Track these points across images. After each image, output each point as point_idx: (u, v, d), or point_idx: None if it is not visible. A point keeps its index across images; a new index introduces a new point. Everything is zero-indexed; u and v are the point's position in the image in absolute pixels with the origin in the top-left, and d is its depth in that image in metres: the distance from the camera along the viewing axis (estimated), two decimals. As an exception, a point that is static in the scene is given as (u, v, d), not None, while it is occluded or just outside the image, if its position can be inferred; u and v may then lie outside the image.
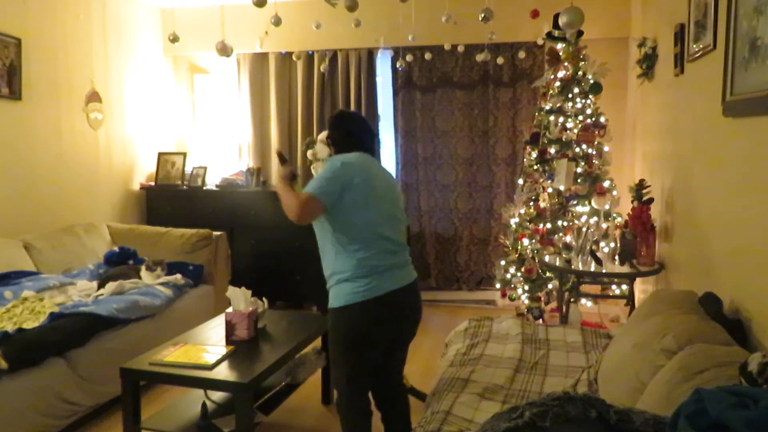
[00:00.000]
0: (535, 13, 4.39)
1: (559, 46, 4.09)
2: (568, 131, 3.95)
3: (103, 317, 3.11)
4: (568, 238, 3.64)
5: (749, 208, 2.03)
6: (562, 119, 3.97)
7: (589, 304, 3.99)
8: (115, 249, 4.14)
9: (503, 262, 4.32)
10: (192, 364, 2.51)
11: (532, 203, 4.15)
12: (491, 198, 5.22)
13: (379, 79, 5.27)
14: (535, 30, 4.66)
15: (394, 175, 5.04)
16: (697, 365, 1.56)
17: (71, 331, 2.93)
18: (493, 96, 5.10)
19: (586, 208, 3.82)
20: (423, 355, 3.87)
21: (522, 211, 4.21)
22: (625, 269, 3.33)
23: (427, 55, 4.89)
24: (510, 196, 4.94)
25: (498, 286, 4.40)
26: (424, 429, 2.00)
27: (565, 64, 4.03)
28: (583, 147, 3.88)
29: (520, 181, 4.37)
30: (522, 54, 4.84)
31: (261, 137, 5.47)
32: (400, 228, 2.39)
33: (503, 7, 4.28)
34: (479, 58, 4.52)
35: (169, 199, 5.20)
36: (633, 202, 3.45)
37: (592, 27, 4.15)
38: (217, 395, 2.85)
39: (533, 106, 4.89)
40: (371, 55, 5.16)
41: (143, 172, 5.32)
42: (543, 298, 4.11)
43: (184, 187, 5.24)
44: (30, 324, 2.94)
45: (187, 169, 5.32)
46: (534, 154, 4.14)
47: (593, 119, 3.91)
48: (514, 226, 4.28)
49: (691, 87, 2.84)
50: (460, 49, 4.70)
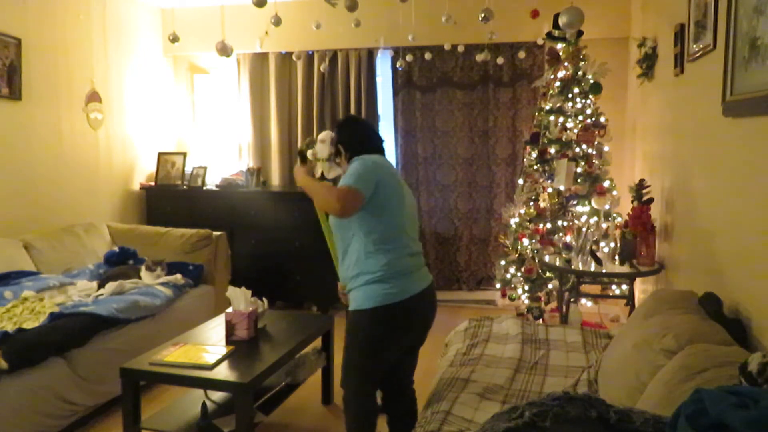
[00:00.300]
0: (535, 13, 4.39)
1: (559, 46, 4.09)
2: (568, 131, 3.95)
3: (103, 317, 3.11)
4: (568, 238, 3.64)
5: (749, 208, 2.02)
6: (562, 119, 3.97)
7: (589, 304, 3.99)
8: (115, 249, 4.14)
9: (503, 262, 4.32)
10: (192, 364, 2.52)
11: (532, 203, 4.15)
12: (491, 198, 5.21)
13: (379, 79, 5.26)
14: (535, 30, 4.66)
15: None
16: (697, 365, 1.56)
17: (71, 331, 2.93)
18: (493, 96, 5.10)
19: (586, 208, 3.82)
20: (423, 355, 3.81)
21: (522, 211, 4.21)
22: (625, 269, 3.33)
23: (427, 55, 4.89)
24: (510, 196, 4.94)
25: (498, 286, 4.40)
26: (424, 429, 2.00)
27: (565, 64, 4.03)
28: (583, 147, 3.88)
29: (520, 181, 4.37)
30: (522, 54, 4.84)
31: (261, 137, 5.47)
32: (417, 229, 2.41)
33: (503, 7, 4.28)
34: (479, 58, 4.52)
35: (169, 199, 5.20)
36: (633, 202, 3.45)
37: (592, 27, 4.15)
38: (217, 395, 2.85)
39: (533, 106, 4.88)
40: (371, 55, 5.16)
41: (143, 172, 5.32)
42: (543, 298, 4.11)
43: (184, 187, 5.24)
44: (30, 324, 2.94)
45: (187, 169, 5.31)
46: (534, 154, 4.14)
47: (593, 119, 3.91)
48: (514, 226, 4.28)
49: (691, 87, 2.83)
50: (460, 49, 4.71)
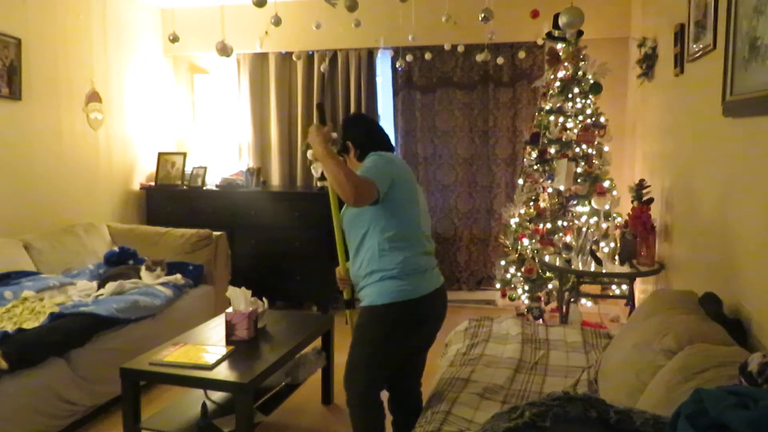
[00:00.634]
0: (535, 13, 4.39)
1: (559, 46, 4.09)
2: (568, 131, 3.95)
3: (103, 317, 3.11)
4: (568, 238, 3.64)
5: (749, 207, 2.02)
6: (562, 119, 3.97)
7: (589, 304, 3.98)
8: (115, 249, 4.14)
9: (503, 262, 4.32)
10: (192, 364, 2.52)
11: (532, 203, 4.14)
12: (491, 198, 5.21)
13: (379, 79, 5.26)
14: (535, 30, 4.66)
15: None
16: (697, 365, 1.56)
17: (71, 331, 2.93)
18: (493, 96, 5.09)
19: (586, 208, 3.82)
20: (423, 355, 3.85)
21: (522, 211, 4.21)
22: (625, 269, 3.33)
23: (427, 55, 4.89)
24: (510, 196, 4.94)
25: (498, 286, 4.40)
26: (424, 429, 2.00)
27: (565, 64, 4.03)
28: (583, 147, 3.88)
29: (520, 181, 4.37)
30: (522, 54, 4.84)
31: (261, 137, 5.47)
32: (430, 227, 2.39)
33: (503, 7, 4.28)
34: (479, 58, 4.52)
35: (169, 199, 5.20)
36: (633, 202, 3.45)
37: (592, 27, 4.15)
38: (217, 395, 2.85)
39: (533, 106, 4.88)
40: (371, 55, 5.16)
41: (143, 172, 5.32)
42: (543, 298, 4.11)
43: (184, 187, 5.24)
44: (30, 324, 2.94)
45: (187, 169, 5.31)
46: (534, 154, 4.14)
47: (593, 119, 3.91)
48: (514, 226, 4.28)
49: (691, 87, 2.83)
50: (460, 49, 4.70)
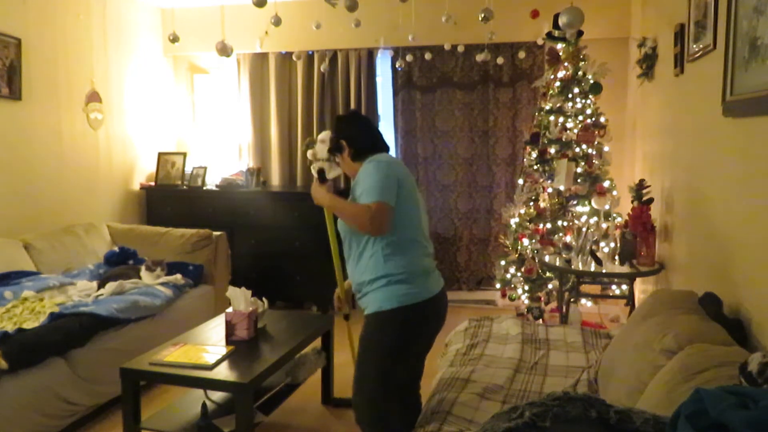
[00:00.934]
0: (535, 13, 4.39)
1: (559, 46, 4.09)
2: (568, 131, 3.95)
3: (103, 317, 3.11)
4: (568, 238, 3.64)
5: (749, 207, 2.02)
6: (562, 119, 3.97)
7: (589, 304, 3.98)
8: (115, 249, 4.14)
9: (503, 262, 4.32)
10: (192, 364, 2.51)
11: (532, 203, 4.14)
12: (491, 198, 5.21)
13: (379, 79, 5.26)
14: (535, 30, 4.66)
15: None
16: (697, 365, 1.56)
17: (71, 331, 2.93)
18: (493, 96, 5.09)
19: (586, 208, 3.82)
20: (423, 355, 3.85)
21: (522, 211, 4.21)
22: (625, 269, 3.33)
23: (427, 55, 4.89)
24: (510, 196, 4.93)
25: (498, 286, 4.40)
26: (424, 429, 2.00)
27: (565, 64, 4.03)
28: (583, 147, 3.88)
29: (520, 181, 4.37)
30: (522, 54, 4.84)
31: (261, 137, 5.47)
32: (428, 228, 2.37)
33: (503, 7, 4.28)
34: (479, 58, 4.52)
35: (169, 199, 5.20)
36: (633, 202, 3.45)
37: (592, 27, 4.15)
38: (217, 395, 2.85)
39: (533, 106, 4.88)
40: (371, 55, 5.16)
41: (143, 172, 5.32)
42: (543, 298, 4.11)
43: (184, 187, 5.24)
44: (30, 324, 2.94)
45: (187, 169, 5.31)
46: (534, 154, 4.14)
47: (593, 119, 3.91)
48: (514, 226, 4.27)
49: (691, 87, 2.83)
50: (460, 49, 4.70)
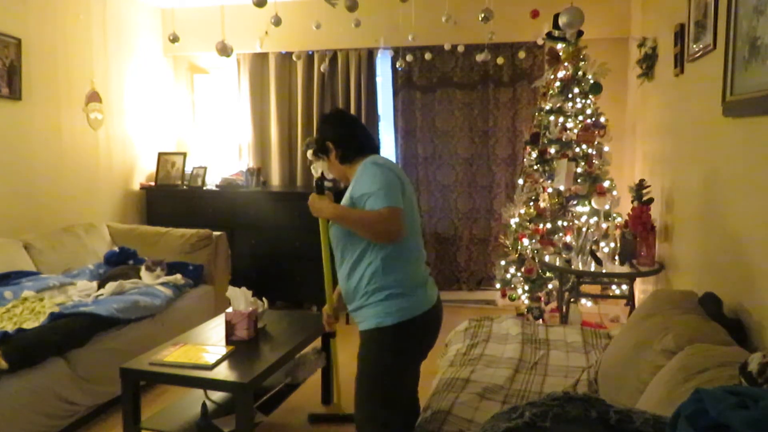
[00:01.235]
0: (535, 13, 4.39)
1: (559, 46, 4.09)
2: (568, 131, 3.95)
3: (103, 317, 3.12)
4: (568, 238, 3.64)
5: (749, 207, 2.03)
6: (562, 119, 3.97)
7: (589, 304, 3.98)
8: (115, 249, 4.14)
9: (503, 262, 4.32)
10: (192, 364, 2.52)
11: (532, 203, 4.14)
12: (491, 198, 5.21)
13: (379, 79, 5.26)
14: (535, 30, 4.65)
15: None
16: (697, 365, 1.56)
17: (71, 331, 2.93)
18: (493, 96, 5.09)
19: (586, 208, 3.82)
20: (423, 355, 3.85)
21: (522, 211, 4.21)
22: (625, 269, 3.33)
23: (427, 55, 4.89)
24: (510, 196, 4.94)
25: (498, 286, 4.40)
26: (424, 429, 2.00)
27: (565, 64, 4.03)
28: (583, 147, 3.88)
29: (520, 181, 4.37)
30: (522, 54, 4.84)
31: (261, 137, 5.47)
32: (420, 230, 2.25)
33: (503, 7, 4.28)
34: (479, 58, 4.52)
35: (169, 199, 5.20)
36: (633, 202, 3.45)
37: (592, 27, 4.15)
38: (217, 395, 2.85)
39: (533, 106, 4.88)
40: (371, 55, 5.16)
41: (143, 172, 5.32)
42: (543, 298, 4.11)
43: (184, 187, 5.24)
44: (30, 324, 2.94)
45: (187, 169, 5.31)
46: (534, 154, 4.14)
47: (593, 119, 3.90)
48: (514, 226, 4.27)
49: (691, 87, 2.83)
50: (460, 49, 4.70)
